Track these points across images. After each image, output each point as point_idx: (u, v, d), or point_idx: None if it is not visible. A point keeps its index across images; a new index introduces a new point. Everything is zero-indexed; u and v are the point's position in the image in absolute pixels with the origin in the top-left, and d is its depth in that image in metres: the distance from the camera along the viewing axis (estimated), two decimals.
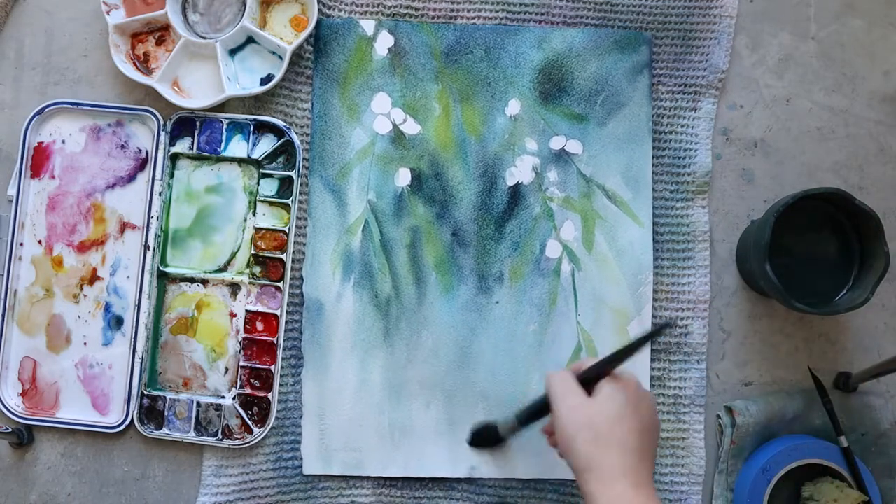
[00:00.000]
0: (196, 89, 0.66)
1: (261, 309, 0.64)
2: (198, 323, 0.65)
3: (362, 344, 0.65)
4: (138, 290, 0.64)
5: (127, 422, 0.63)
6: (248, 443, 0.63)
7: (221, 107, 0.66)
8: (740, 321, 0.66)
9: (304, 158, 0.66)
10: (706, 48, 0.68)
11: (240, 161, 0.66)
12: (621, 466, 0.51)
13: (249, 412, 0.64)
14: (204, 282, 0.65)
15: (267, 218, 0.65)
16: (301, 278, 0.65)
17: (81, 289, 0.65)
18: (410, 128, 0.67)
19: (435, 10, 0.67)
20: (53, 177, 0.66)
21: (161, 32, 0.67)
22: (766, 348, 0.66)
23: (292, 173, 0.65)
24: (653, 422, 0.54)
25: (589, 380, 0.54)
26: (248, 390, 0.64)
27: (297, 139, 0.65)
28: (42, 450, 0.64)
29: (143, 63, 0.67)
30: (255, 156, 0.65)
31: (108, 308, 0.65)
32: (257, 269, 0.65)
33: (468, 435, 0.64)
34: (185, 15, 0.67)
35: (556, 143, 0.67)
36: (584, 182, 0.66)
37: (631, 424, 0.52)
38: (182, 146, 0.66)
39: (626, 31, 0.67)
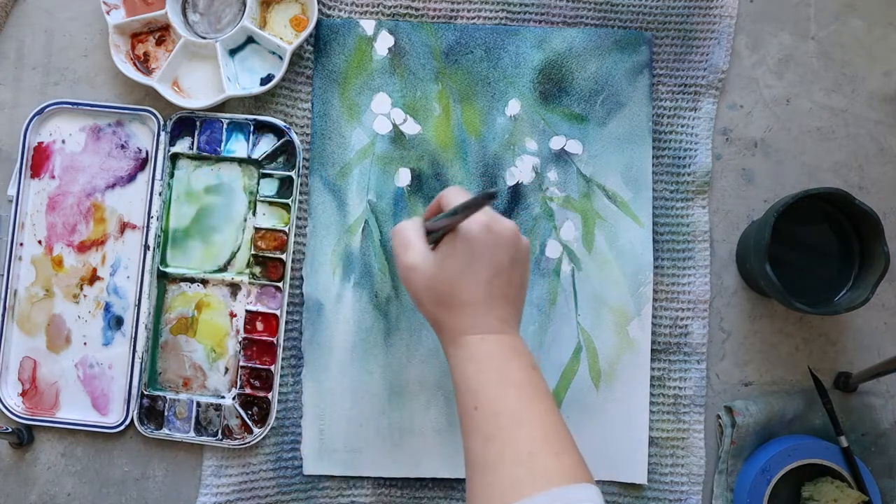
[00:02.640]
0: (196, 89, 0.66)
1: (261, 309, 0.64)
2: (198, 323, 0.65)
3: (362, 344, 0.65)
4: (138, 290, 0.64)
5: (127, 422, 0.63)
6: (248, 443, 0.63)
7: (221, 107, 0.66)
8: (740, 321, 0.66)
9: (304, 158, 0.66)
10: (706, 48, 0.68)
11: (240, 161, 0.66)
12: (468, 322, 0.49)
13: (249, 412, 0.64)
14: (204, 282, 0.65)
15: (267, 218, 0.65)
16: (301, 278, 0.65)
17: (81, 289, 0.65)
18: (410, 128, 0.67)
19: (435, 10, 0.67)
20: (53, 177, 0.66)
21: (161, 32, 0.67)
22: (766, 348, 0.66)
23: (292, 173, 0.65)
24: (510, 257, 0.50)
25: (431, 233, 0.52)
26: (248, 390, 0.64)
27: (297, 139, 0.65)
28: (42, 450, 0.64)
29: (143, 63, 0.67)
30: (255, 156, 0.65)
31: (108, 308, 0.65)
32: (257, 269, 0.65)
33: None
34: (185, 15, 0.67)
35: (556, 143, 0.67)
36: (584, 182, 0.66)
37: (479, 276, 0.49)
38: (182, 146, 0.66)
39: (626, 31, 0.67)
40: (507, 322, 0.50)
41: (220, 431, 0.63)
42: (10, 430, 0.62)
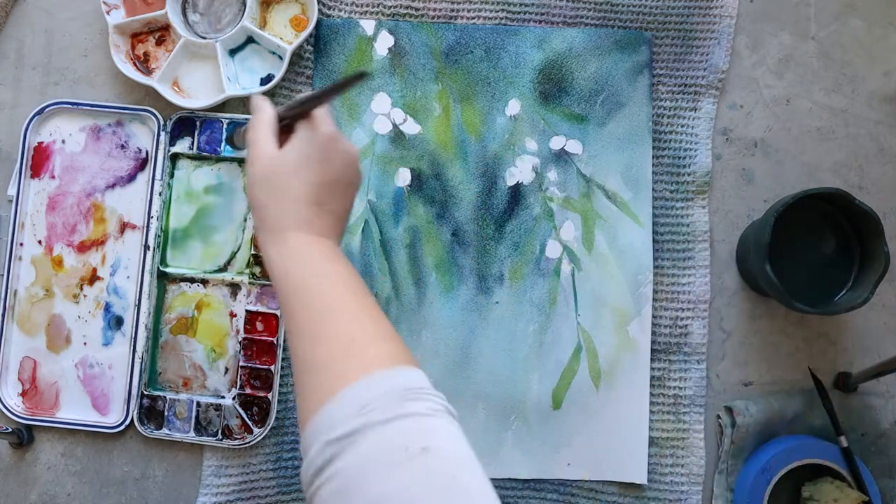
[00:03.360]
0: (196, 89, 0.66)
1: (261, 309, 0.64)
2: (198, 323, 0.65)
3: None
4: (138, 290, 0.64)
5: (127, 422, 0.63)
6: (248, 443, 0.63)
7: (221, 107, 0.66)
8: (740, 321, 0.66)
9: None
10: (706, 48, 0.68)
11: (240, 161, 0.66)
12: (294, 218, 0.48)
13: (249, 412, 0.64)
14: (204, 282, 0.65)
15: None
16: None
17: (81, 289, 0.65)
18: (410, 128, 0.67)
19: (435, 10, 0.67)
20: (53, 177, 0.66)
21: (161, 32, 0.67)
22: (766, 348, 0.66)
23: None
24: (345, 175, 0.50)
25: (288, 121, 0.51)
26: (248, 390, 0.64)
27: None
28: (42, 450, 0.64)
29: (143, 63, 0.67)
30: None
31: (108, 308, 0.65)
32: (257, 269, 0.65)
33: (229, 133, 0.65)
34: (185, 15, 0.67)
35: (556, 143, 0.67)
36: (584, 182, 0.66)
37: (313, 177, 0.48)
38: (182, 146, 0.66)
39: (626, 31, 0.67)
40: (332, 232, 0.50)
41: (220, 431, 0.63)
42: (10, 430, 0.62)
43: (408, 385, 0.40)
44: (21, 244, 0.65)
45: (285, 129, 0.51)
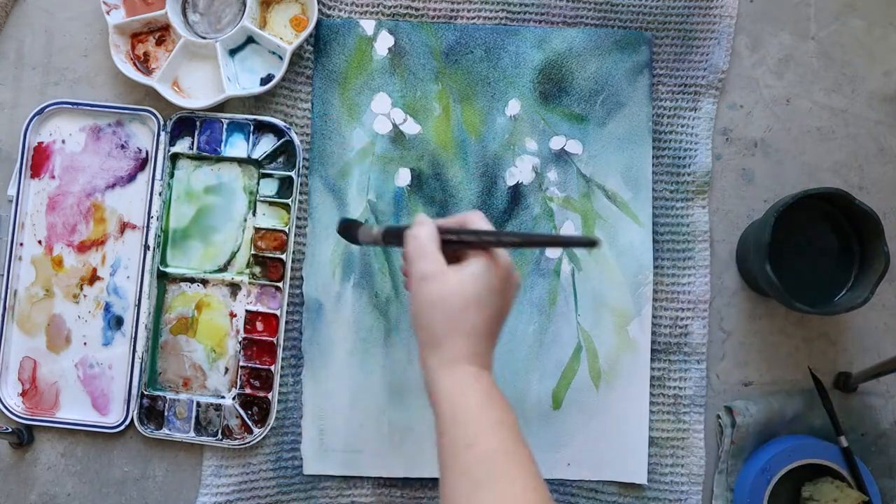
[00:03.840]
0: (196, 89, 0.66)
1: (261, 309, 0.64)
2: (198, 323, 0.65)
3: (362, 344, 0.65)
4: (138, 290, 0.64)
5: (127, 422, 0.63)
6: (248, 443, 0.63)
7: (221, 107, 0.66)
8: (740, 321, 0.66)
9: (304, 158, 0.66)
10: (706, 48, 0.68)
11: (240, 161, 0.66)
12: (469, 350, 0.47)
13: (249, 412, 0.64)
14: (204, 282, 0.65)
15: (267, 218, 0.65)
16: (301, 278, 0.65)
17: (81, 289, 0.65)
18: (410, 128, 0.67)
19: (435, 10, 0.67)
20: (53, 177, 0.66)
21: (161, 32, 0.67)
22: (766, 348, 0.66)
23: (292, 173, 0.65)
24: (509, 307, 0.50)
25: (454, 241, 0.50)
26: (248, 390, 0.64)
27: (297, 139, 0.65)
28: (42, 450, 0.64)
29: (143, 63, 0.67)
30: (255, 156, 0.65)
31: (108, 308, 0.65)
32: (257, 269, 0.65)
33: (338, 223, 0.62)
34: (185, 15, 0.67)
35: (556, 143, 0.67)
36: (584, 182, 0.66)
37: (488, 311, 0.48)
38: (182, 146, 0.66)
39: (626, 31, 0.67)
40: (491, 361, 0.49)
41: (220, 431, 0.63)
42: (10, 430, 0.62)
43: None
44: (21, 244, 0.65)
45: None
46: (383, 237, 0.54)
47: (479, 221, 0.51)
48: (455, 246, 0.50)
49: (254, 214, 0.65)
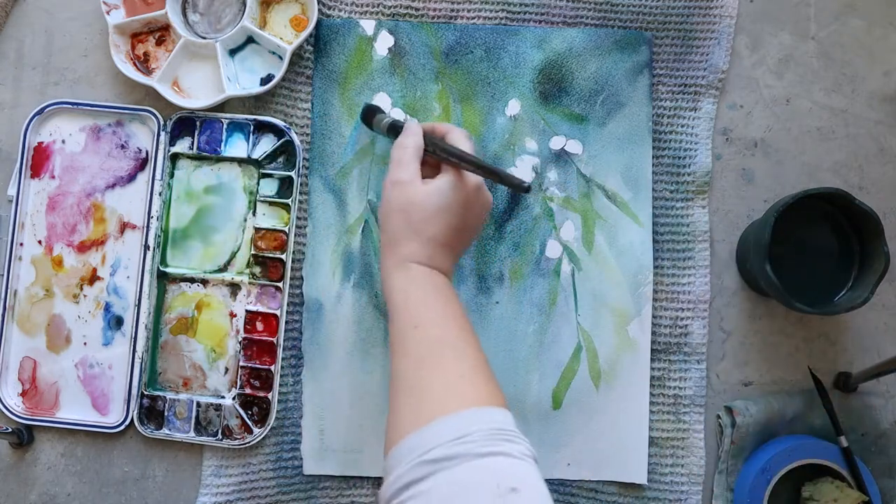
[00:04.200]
0: (196, 89, 0.66)
1: (261, 309, 0.64)
2: (198, 323, 0.65)
3: (362, 344, 0.65)
4: (138, 290, 0.64)
5: (127, 422, 0.63)
6: (248, 443, 0.63)
7: (221, 107, 0.66)
8: (740, 321, 0.66)
9: (304, 158, 0.66)
10: (706, 48, 0.68)
11: (240, 161, 0.66)
12: (424, 253, 0.52)
13: (249, 412, 0.64)
14: (204, 282, 0.65)
15: (267, 218, 0.65)
16: (301, 278, 0.65)
17: (81, 289, 0.65)
18: None
19: (435, 10, 0.67)
20: (53, 177, 0.66)
21: (161, 32, 0.67)
22: (766, 348, 0.66)
23: (292, 173, 0.65)
24: (475, 224, 0.55)
25: (435, 152, 0.55)
26: (248, 390, 0.64)
27: (297, 139, 0.65)
28: (42, 450, 0.64)
29: (143, 63, 0.67)
30: (255, 156, 0.65)
31: (108, 308, 0.65)
32: (257, 269, 0.65)
33: (363, 108, 0.66)
34: (185, 15, 0.67)
35: (556, 143, 0.67)
36: (584, 182, 0.66)
37: (450, 221, 0.53)
38: (182, 146, 0.66)
39: (626, 31, 0.67)
40: (449, 269, 0.54)
41: (220, 431, 0.63)
42: (10, 430, 0.62)
43: (502, 426, 0.44)
44: (21, 244, 0.65)
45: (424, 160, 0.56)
46: (387, 130, 0.61)
47: (459, 138, 0.56)
48: (432, 156, 0.55)
49: (254, 214, 0.65)
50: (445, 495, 0.40)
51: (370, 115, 0.64)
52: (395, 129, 0.60)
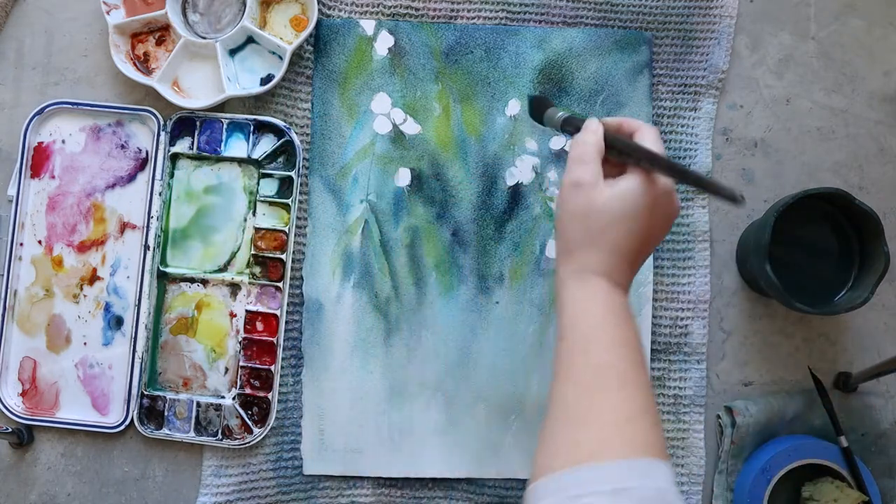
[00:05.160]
0: (196, 89, 0.66)
1: (261, 309, 0.64)
2: (198, 323, 0.65)
3: (362, 344, 0.65)
4: (138, 290, 0.64)
5: (127, 422, 0.63)
6: (248, 443, 0.63)
7: (221, 107, 0.66)
8: (740, 321, 0.66)
9: (304, 158, 0.66)
10: (706, 48, 0.68)
11: (240, 161, 0.66)
12: (604, 265, 0.47)
13: (249, 412, 0.64)
14: (204, 282, 0.65)
15: (267, 218, 0.65)
16: (301, 278, 0.65)
17: (81, 289, 0.65)
18: (410, 128, 0.67)
19: (435, 10, 0.67)
20: (53, 177, 0.66)
21: (161, 32, 0.67)
22: (766, 348, 0.66)
23: (292, 173, 0.65)
24: (660, 234, 0.49)
25: (618, 149, 0.49)
26: (248, 390, 0.64)
27: (297, 139, 0.65)
28: (42, 450, 0.64)
29: (143, 63, 0.67)
30: (255, 156, 0.65)
31: (108, 308, 0.65)
32: (257, 269, 0.65)
33: (530, 100, 0.60)
34: (185, 15, 0.67)
35: (556, 143, 0.67)
36: None
37: (634, 229, 0.47)
38: (182, 146, 0.66)
39: (626, 31, 0.67)
40: (628, 283, 0.49)
41: (220, 431, 0.63)
42: (10, 430, 0.62)
43: (664, 487, 0.40)
44: (21, 244, 0.65)
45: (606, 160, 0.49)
46: (562, 125, 0.54)
47: (649, 136, 0.49)
48: (616, 156, 0.49)
49: (254, 214, 0.65)
50: None
51: (541, 107, 0.57)
52: (571, 125, 0.53)
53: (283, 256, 0.64)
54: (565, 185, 0.48)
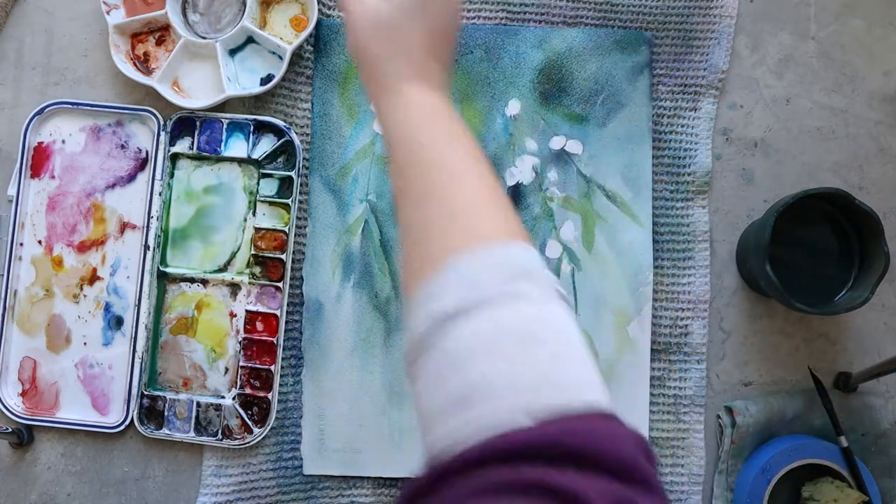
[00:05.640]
0: (196, 89, 0.66)
1: (261, 309, 0.64)
2: (198, 323, 0.65)
3: (362, 344, 0.65)
4: (138, 290, 0.64)
5: (127, 422, 0.63)
6: (248, 443, 0.63)
7: (221, 107, 0.66)
8: (740, 321, 0.66)
9: (304, 158, 0.66)
10: (706, 48, 0.68)
11: (240, 161, 0.66)
12: (410, 68, 0.45)
13: (249, 412, 0.64)
14: (204, 282, 0.65)
15: (267, 218, 0.65)
16: (301, 278, 0.65)
17: (81, 289, 0.65)
18: None
19: None
20: (53, 177, 0.66)
21: (161, 32, 0.67)
22: (766, 348, 0.66)
23: (292, 173, 0.65)
24: (453, 21, 0.47)
25: None
26: (248, 390, 0.64)
27: (297, 139, 0.65)
28: (42, 450, 0.64)
29: (143, 63, 0.67)
30: (255, 156, 0.65)
31: (108, 308, 0.65)
32: (257, 269, 0.65)
33: None
34: (185, 15, 0.67)
35: (556, 143, 0.67)
36: (584, 182, 0.66)
37: (426, 22, 0.45)
38: (182, 146, 0.66)
39: (626, 31, 0.67)
40: (444, 84, 0.46)
41: (220, 431, 0.63)
42: (10, 430, 0.62)
43: (522, 263, 0.37)
44: (21, 244, 0.65)
45: None
46: None
47: None
48: None
49: (254, 214, 0.65)
50: (460, 351, 0.35)
51: None
52: None
53: (283, 256, 0.64)
54: (347, 8, 0.47)
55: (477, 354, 0.35)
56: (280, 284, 0.64)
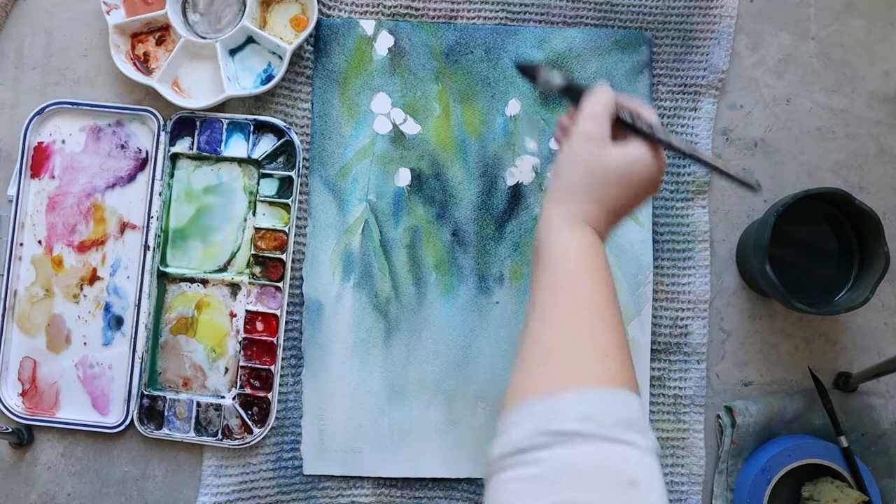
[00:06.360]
0: (196, 89, 0.66)
1: (261, 309, 0.64)
2: (198, 323, 0.65)
3: (362, 344, 0.65)
4: (138, 290, 0.64)
5: (127, 422, 0.63)
6: (248, 443, 0.63)
7: (221, 107, 0.66)
8: (740, 321, 0.66)
9: (304, 158, 0.66)
10: (706, 48, 0.68)
11: (240, 161, 0.66)
12: (596, 217, 0.49)
13: (249, 412, 0.64)
14: (204, 282, 0.65)
15: (267, 218, 0.65)
16: (301, 278, 0.65)
17: (81, 289, 0.65)
18: (410, 128, 0.67)
19: (435, 10, 0.67)
20: (53, 177, 0.66)
21: (161, 32, 0.67)
22: (766, 348, 0.66)
23: (292, 173, 0.65)
24: (642, 202, 0.52)
25: (634, 123, 0.51)
26: (248, 390, 0.64)
27: (297, 139, 0.65)
28: (42, 450, 0.64)
29: (143, 63, 0.67)
30: (255, 156, 0.65)
31: (108, 308, 0.65)
32: (257, 269, 0.65)
33: (518, 62, 0.59)
34: (185, 15, 0.67)
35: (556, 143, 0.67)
36: None
37: (626, 195, 0.50)
38: (182, 146, 0.66)
39: (626, 31, 0.67)
40: (607, 236, 0.51)
41: (220, 431, 0.63)
42: (10, 430, 0.62)
43: (633, 415, 0.41)
44: (21, 244, 0.65)
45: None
46: (561, 89, 0.54)
47: (652, 115, 0.52)
48: (623, 126, 0.51)
49: (254, 214, 0.65)
50: (560, 471, 0.38)
51: (531, 70, 0.55)
52: (571, 89, 0.54)
53: (283, 256, 0.64)
54: (575, 134, 0.50)
55: (573, 478, 0.38)
56: (280, 284, 0.64)
